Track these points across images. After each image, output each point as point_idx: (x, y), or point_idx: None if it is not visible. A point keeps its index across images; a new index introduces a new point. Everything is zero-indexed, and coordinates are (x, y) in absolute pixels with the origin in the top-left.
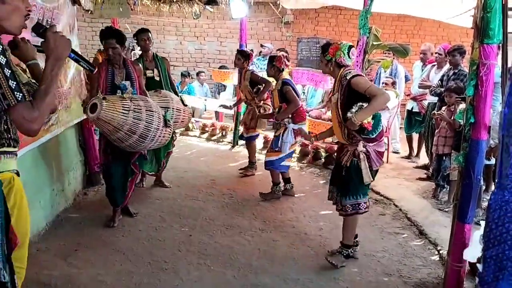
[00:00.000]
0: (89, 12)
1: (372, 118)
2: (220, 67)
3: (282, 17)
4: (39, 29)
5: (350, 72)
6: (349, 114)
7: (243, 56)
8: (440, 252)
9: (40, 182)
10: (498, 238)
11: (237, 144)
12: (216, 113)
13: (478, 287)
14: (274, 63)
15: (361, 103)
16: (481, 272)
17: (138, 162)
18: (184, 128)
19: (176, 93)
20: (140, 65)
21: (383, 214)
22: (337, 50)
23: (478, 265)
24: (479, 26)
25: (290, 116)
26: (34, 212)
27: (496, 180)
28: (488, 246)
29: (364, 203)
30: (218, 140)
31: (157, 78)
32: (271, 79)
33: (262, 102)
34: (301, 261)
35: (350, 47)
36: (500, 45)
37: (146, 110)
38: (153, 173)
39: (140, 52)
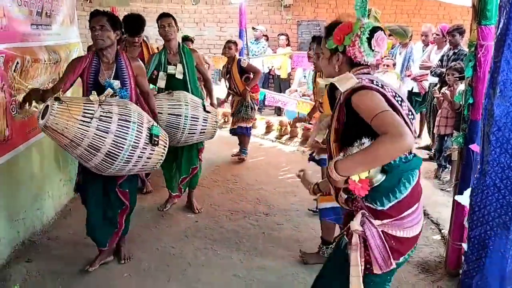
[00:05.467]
0: (88, 1)
1: (382, 172)
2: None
3: (282, 0)
4: None
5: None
6: (336, 158)
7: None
8: (442, 231)
9: (48, 173)
10: (480, 219)
11: None
12: (217, 99)
13: (464, 265)
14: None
15: (365, 139)
16: (466, 251)
17: (129, 189)
18: None
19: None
20: (140, 61)
21: None
22: (348, 32)
23: (463, 244)
24: (477, 7)
25: None
26: (43, 202)
27: (479, 166)
28: (472, 227)
29: None
30: (220, 126)
31: (180, 76)
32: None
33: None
34: (306, 243)
35: (375, 29)
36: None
37: (119, 120)
38: (176, 194)
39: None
